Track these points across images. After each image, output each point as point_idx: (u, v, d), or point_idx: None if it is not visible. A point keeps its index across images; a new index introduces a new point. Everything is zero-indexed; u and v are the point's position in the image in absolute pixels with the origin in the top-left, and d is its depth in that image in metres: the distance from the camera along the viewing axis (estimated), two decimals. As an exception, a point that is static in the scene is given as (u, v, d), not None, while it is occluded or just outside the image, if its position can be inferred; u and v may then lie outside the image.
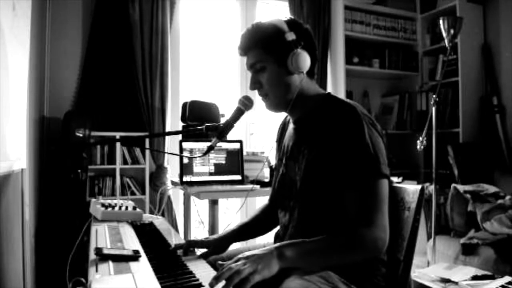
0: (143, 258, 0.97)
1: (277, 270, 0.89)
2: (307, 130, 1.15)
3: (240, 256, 0.89)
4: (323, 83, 3.33)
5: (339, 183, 1.03)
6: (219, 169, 2.20)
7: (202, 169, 2.17)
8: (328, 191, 1.06)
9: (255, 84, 1.16)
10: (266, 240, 1.39)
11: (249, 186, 1.95)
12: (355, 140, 1.01)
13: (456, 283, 1.97)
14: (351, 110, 1.05)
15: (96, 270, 0.85)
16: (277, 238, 1.26)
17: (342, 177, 1.02)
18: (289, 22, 1.14)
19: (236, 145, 2.25)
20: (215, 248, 1.25)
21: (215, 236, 1.30)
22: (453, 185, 2.65)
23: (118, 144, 2.70)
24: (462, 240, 2.36)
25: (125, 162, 2.77)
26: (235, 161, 2.23)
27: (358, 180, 1.00)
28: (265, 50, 1.12)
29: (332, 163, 1.04)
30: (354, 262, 1.00)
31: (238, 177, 2.21)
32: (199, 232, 3.11)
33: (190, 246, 1.19)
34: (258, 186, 1.99)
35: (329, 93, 1.19)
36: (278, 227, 1.28)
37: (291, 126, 1.24)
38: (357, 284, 1.02)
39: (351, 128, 1.02)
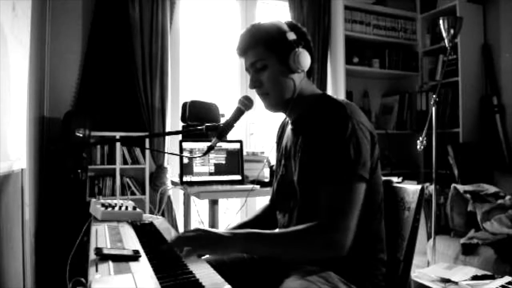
0: (143, 258, 0.97)
1: (220, 253, 0.96)
2: (302, 130, 1.15)
3: (197, 228, 0.96)
4: (323, 83, 3.33)
5: (315, 180, 1.02)
6: (219, 169, 2.20)
7: (202, 169, 2.17)
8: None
9: (256, 82, 1.15)
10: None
11: (249, 186, 1.95)
12: (335, 139, 1.00)
13: (456, 283, 1.97)
14: (339, 109, 1.04)
15: (96, 270, 0.85)
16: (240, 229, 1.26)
17: (318, 174, 1.01)
18: (288, 24, 1.15)
19: (236, 145, 2.25)
20: None
21: None
22: (453, 185, 2.65)
23: (118, 144, 2.70)
24: (462, 240, 2.36)
25: (125, 162, 2.77)
26: (235, 161, 2.23)
27: (332, 178, 0.99)
28: (267, 48, 1.12)
29: (315, 162, 1.04)
30: (310, 259, 1.03)
31: (238, 177, 2.21)
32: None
33: None
34: (258, 186, 1.99)
35: (324, 93, 1.19)
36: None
37: (289, 127, 1.24)
38: (357, 284, 1.02)
39: (333, 127, 1.02)
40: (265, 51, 1.12)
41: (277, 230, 1.00)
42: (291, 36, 1.11)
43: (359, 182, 0.99)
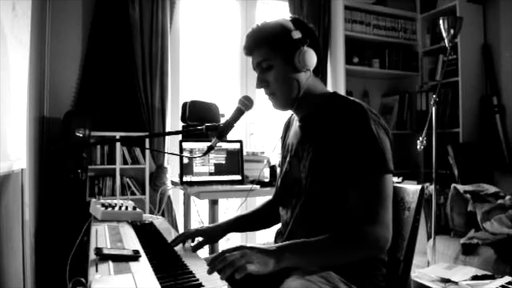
0: (143, 258, 0.97)
1: (272, 268, 0.90)
2: (313, 128, 1.15)
3: (243, 244, 0.90)
4: (323, 83, 3.32)
5: (345, 178, 1.03)
6: (219, 169, 2.20)
7: (202, 169, 2.17)
8: (334, 188, 1.06)
9: (262, 82, 1.16)
10: (266, 240, 1.40)
11: (249, 186, 1.95)
12: (362, 135, 1.02)
13: (456, 283, 1.97)
14: (358, 107, 1.06)
15: (96, 270, 0.85)
16: (278, 235, 1.27)
17: (348, 172, 1.02)
18: (294, 21, 1.14)
19: (236, 145, 2.25)
20: (209, 236, 1.26)
21: (210, 225, 1.30)
22: (453, 185, 2.65)
23: (118, 144, 2.70)
24: (462, 240, 2.36)
25: (125, 162, 2.77)
26: (235, 161, 2.23)
27: (364, 175, 1.00)
28: (272, 48, 1.12)
29: (338, 158, 1.04)
30: (356, 260, 1.00)
31: (238, 177, 2.21)
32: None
33: (186, 238, 1.19)
34: (258, 186, 1.99)
35: (335, 92, 1.19)
36: (279, 225, 1.29)
37: (296, 124, 1.24)
38: (357, 284, 1.02)
39: (358, 124, 1.03)
40: (270, 51, 1.12)
41: (320, 237, 0.97)
42: (296, 35, 1.10)
43: (388, 174, 1.02)
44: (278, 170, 1.39)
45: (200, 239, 1.25)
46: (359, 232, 0.97)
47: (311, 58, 1.11)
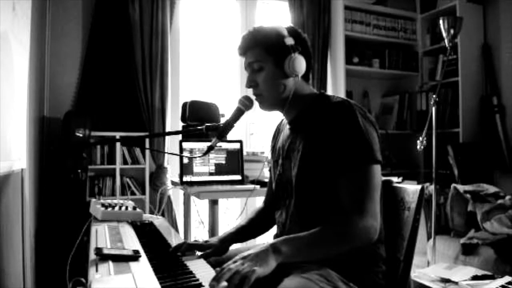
0: (143, 258, 0.97)
1: (274, 266, 0.90)
2: (302, 127, 1.18)
3: (237, 257, 0.90)
4: (323, 83, 3.33)
5: (333, 170, 1.05)
6: (219, 169, 2.20)
7: (202, 169, 2.17)
8: (323, 182, 1.08)
9: (251, 82, 1.20)
10: (266, 241, 1.40)
11: (249, 186, 1.95)
12: (349, 127, 1.05)
13: (456, 283, 1.97)
14: (344, 102, 1.10)
15: (96, 270, 0.86)
16: (275, 239, 1.27)
17: (336, 163, 1.05)
18: (289, 29, 1.18)
19: (236, 145, 2.25)
20: (216, 250, 1.26)
21: (215, 239, 1.31)
22: (453, 185, 2.65)
23: (118, 144, 2.70)
24: (462, 240, 2.36)
25: (125, 162, 2.77)
26: (235, 161, 2.23)
27: (352, 165, 1.03)
28: (265, 50, 1.16)
29: (326, 152, 1.06)
30: (348, 251, 1.01)
31: (238, 177, 2.21)
32: (199, 232, 3.11)
33: (190, 249, 1.19)
34: (258, 186, 1.99)
35: (322, 92, 1.22)
36: (275, 228, 1.30)
37: (286, 128, 1.26)
38: (356, 282, 1.03)
39: (344, 117, 1.06)
40: (263, 54, 1.16)
41: (310, 231, 0.99)
42: (289, 41, 1.14)
43: (376, 164, 1.04)
44: (270, 174, 1.40)
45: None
46: (348, 224, 0.98)
47: (301, 64, 1.14)
